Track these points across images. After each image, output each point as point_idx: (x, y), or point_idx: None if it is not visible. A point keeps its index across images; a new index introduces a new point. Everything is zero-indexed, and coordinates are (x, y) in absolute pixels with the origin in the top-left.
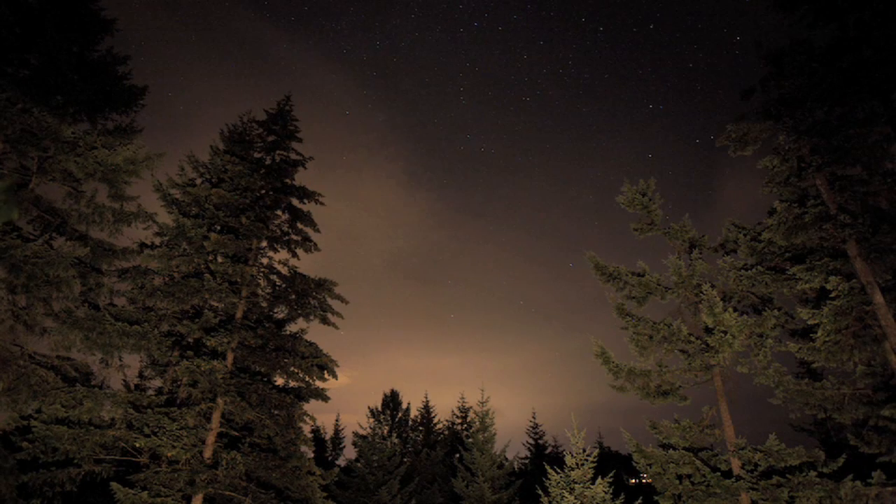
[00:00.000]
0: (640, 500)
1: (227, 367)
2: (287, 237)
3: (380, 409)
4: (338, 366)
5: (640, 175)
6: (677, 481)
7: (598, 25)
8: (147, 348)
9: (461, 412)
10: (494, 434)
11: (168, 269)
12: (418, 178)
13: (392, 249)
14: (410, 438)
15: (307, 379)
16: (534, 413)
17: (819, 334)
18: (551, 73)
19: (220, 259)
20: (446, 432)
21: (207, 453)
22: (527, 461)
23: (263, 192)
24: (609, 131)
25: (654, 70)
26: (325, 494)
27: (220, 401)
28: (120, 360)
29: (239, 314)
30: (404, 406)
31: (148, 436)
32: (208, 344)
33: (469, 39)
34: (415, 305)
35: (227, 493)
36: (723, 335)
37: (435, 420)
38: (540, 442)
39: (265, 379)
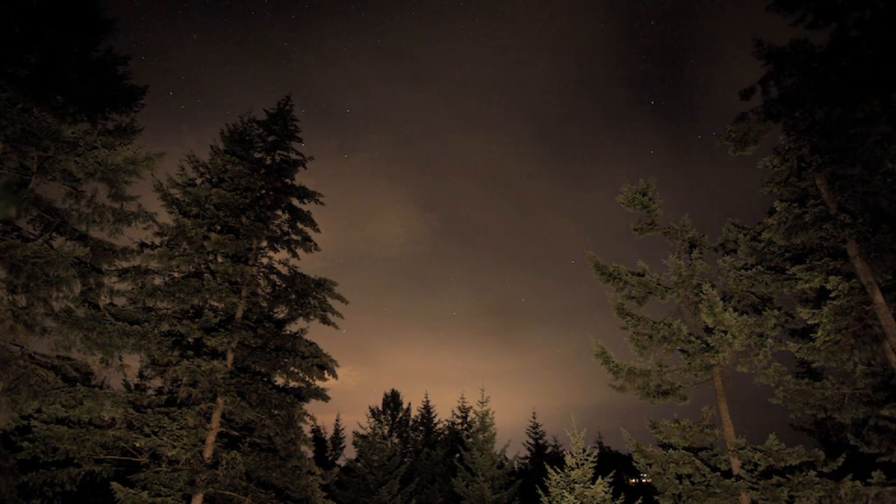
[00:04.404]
0: (640, 500)
1: (227, 366)
2: (287, 237)
3: (380, 408)
4: (338, 365)
5: (641, 173)
6: (677, 481)
7: (598, 23)
8: (147, 348)
9: (461, 412)
10: (494, 434)
11: (168, 268)
12: (418, 174)
13: (393, 249)
14: (411, 438)
15: (307, 379)
16: (534, 413)
17: (819, 334)
18: (552, 71)
19: (220, 259)
20: (446, 432)
21: (207, 453)
22: (527, 461)
23: (263, 192)
24: (610, 128)
25: (656, 67)
26: (325, 494)
27: (220, 401)
28: (120, 359)
29: (239, 314)
30: (405, 406)
31: (148, 436)
32: (208, 344)
33: (469, 37)
34: (416, 305)
35: (227, 492)
36: (723, 335)
37: (435, 420)
38: (540, 442)
39: (265, 379)
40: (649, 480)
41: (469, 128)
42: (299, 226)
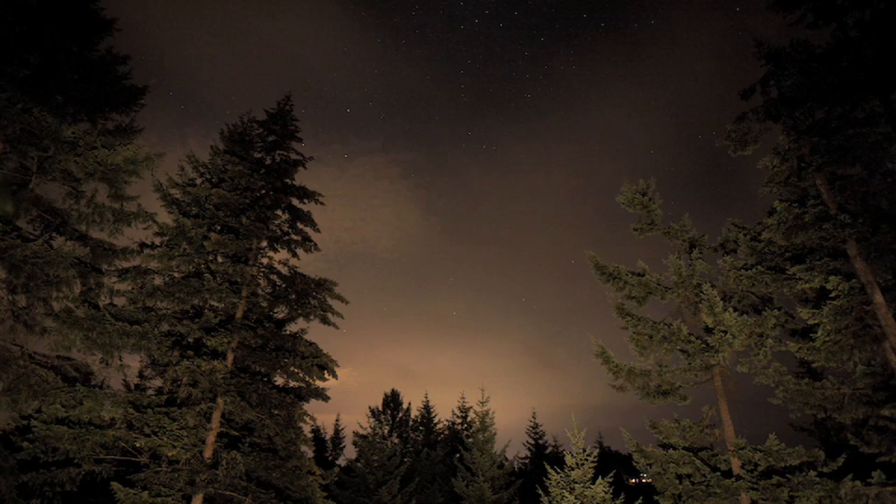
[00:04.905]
0: (640, 500)
1: (227, 366)
2: (287, 237)
3: (380, 408)
4: (338, 365)
5: (641, 172)
6: (677, 481)
7: (599, 21)
8: (147, 348)
9: (461, 412)
10: (494, 434)
11: (168, 268)
12: (418, 173)
13: (393, 249)
14: (411, 438)
15: (307, 379)
16: (534, 413)
17: (819, 334)
18: (552, 70)
19: (220, 259)
20: (446, 432)
21: (207, 453)
22: (527, 461)
23: (263, 192)
24: (611, 128)
25: (656, 66)
26: (325, 494)
27: (220, 401)
28: (120, 360)
29: (239, 314)
30: (405, 406)
31: (148, 436)
32: (208, 344)
33: (469, 37)
34: (416, 305)
35: (228, 492)
36: (723, 335)
37: (435, 420)
38: (540, 442)
39: (265, 379)
40: (649, 480)
41: (468, 124)
42: (299, 226)
